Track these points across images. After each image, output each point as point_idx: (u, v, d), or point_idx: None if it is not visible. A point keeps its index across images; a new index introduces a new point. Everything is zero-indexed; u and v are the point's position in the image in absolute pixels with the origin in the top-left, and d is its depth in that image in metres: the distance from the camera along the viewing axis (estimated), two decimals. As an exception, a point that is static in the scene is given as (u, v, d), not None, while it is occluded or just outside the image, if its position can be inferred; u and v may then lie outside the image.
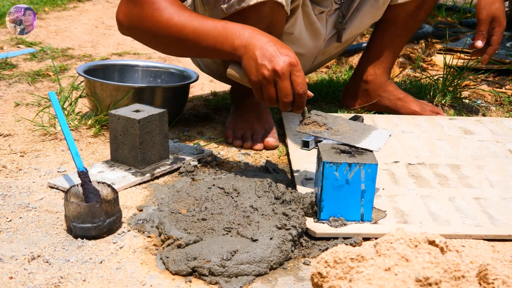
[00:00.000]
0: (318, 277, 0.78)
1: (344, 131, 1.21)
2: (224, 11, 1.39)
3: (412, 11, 1.73)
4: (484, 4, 1.67)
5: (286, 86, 1.19)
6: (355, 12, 1.69)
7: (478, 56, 1.75)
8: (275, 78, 1.20)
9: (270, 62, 1.19)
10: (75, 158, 1.18)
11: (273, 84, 1.21)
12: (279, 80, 1.19)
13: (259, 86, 1.23)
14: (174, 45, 1.34)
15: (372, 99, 1.84)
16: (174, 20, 1.29)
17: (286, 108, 1.22)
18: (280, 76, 1.19)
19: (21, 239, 1.08)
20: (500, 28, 1.68)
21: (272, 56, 1.20)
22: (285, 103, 1.21)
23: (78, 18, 3.40)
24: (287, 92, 1.20)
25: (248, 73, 1.23)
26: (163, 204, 1.17)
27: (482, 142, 1.59)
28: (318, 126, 1.22)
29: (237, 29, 1.25)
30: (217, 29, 1.26)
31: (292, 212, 1.10)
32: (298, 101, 1.21)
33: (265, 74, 1.20)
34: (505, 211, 1.20)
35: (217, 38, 1.26)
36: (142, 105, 1.40)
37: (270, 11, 1.41)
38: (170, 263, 0.99)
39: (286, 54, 1.20)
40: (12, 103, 1.86)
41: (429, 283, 0.71)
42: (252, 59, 1.21)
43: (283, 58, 1.19)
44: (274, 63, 1.19)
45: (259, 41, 1.22)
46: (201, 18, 1.29)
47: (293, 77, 1.20)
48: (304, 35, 1.63)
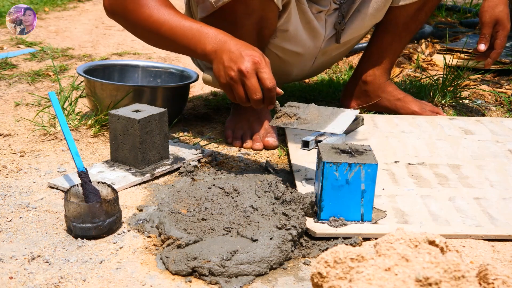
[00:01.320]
0: (318, 277, 0.78)
1: (312, 118, 1.26)
2: (213, 4, 1.40)
3: (413, 13, 1.73)
4: (487, 7, 1.66)
5: (253, 83, 1.24)
6: (356, 14, 1.69)
7: (482, 59, 1.74)
8: (241, 78, 1.25)
9: (235, 64, 1.25)
10: (75, 158, 1.18)
11: (241, 84, 1.25)
12: (245, 79, 1.24)
13: (229, 88, 1.28)
14: (154, 39, 1.40)
15: (371, 100, 1.83)
16: (154, 16, 1.34)
17: (259, 105, 1.27)
18: (245, 75, 1.24)
19: (21, 239, 1.08)
20: (503, 32, 1.67)
21: (237, 58, 1.25)
22: (256, 100, 1.25)
23: (78, 18, 3.40)
24: (255, 89, 1.24)
25: (217, 76, 1.29)
26: (163, 204, 1.17)
27: (482, 142, 1.59)
28: (289, 117, 1.28)
29: (211, 34, 1.30)
30: (192, 31, 1.31)
31: (292, 212, 1.10)
32: (268, 96, 1.25)
33: (231, 75, 1.25)
34: (505, 211, 1.20)
35: (191, 40, 1.31)
36: (142, 105, 1.40)
37: (260, 4, 1.42)
38: (170, 263, 1.00)
39: (250, 54, 1.25)
40: (12, 103, 1.86)
41: (429, 283, 0.71)
42: (220, 63, 1.27)
43: (247, 58, 1.24)
44: (238, 63, 1.24)
45: (228, 45, 1.27)
46: (180, 17, 1.34)
47: (259, 74, 1.24)
48: (301, 33, 1.63)
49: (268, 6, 1.44)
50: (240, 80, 1.25)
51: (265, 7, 1.44)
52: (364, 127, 1.68)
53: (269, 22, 1.51)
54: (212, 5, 1.41)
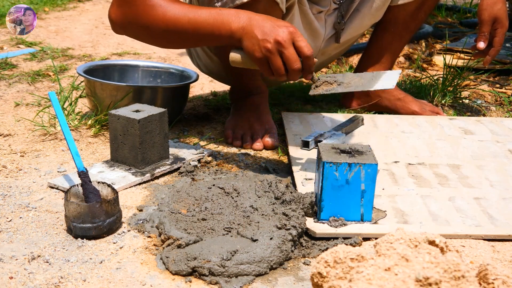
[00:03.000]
0: (318, 277, 0.78)
1: (356, 81, 1.25)
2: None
3: (412, 12, 1.73)
4: (486, 5, 1.66)
5: (292, 53, 1.22)
6: (355, 13, 1.69)
7: (480, 57, 1.74)
8: (279, 49, 1.22)
9: (270, 36, 1.22)
10: (75, 158, 1.18)
11: (279, 55, 1.23)
12: (284, 49, 1.22)
13: (265, 61, 1.25)
14: (171, 37, 1.36)
15: (371, 100, 1.83)
16: (169, 13, 1.32)
17: (296, 77, 1.25)
18: (283, 45, 1.22)
19: (21, 239, 1.08)
20: (502, 29, 1.67)
21: (271, 30, 1.23)
22: (295, 70, 1.23)
23: (78, 18, 3.40)
24: (295, 59, 1.22)
25: (251, 52, 1.25)
26: (163, 204, 1.17)
27: (482, 142, 1.59)
28: (330, 84, 1.26)
29: (232, 13, 1.29)
30: (212, 16, 1.29)
31: (292, 212, 1.10)
32: (306, 64, 1.23)
33: (268, 47, 1.22)
34: (505, 211, 1.20)
35: (214, 24, 1.29)
36: (142, 105, 1.40)
37: (265, 8, 1.42)
38: (170, 263, 1.00)
39: (284, 25, 1.24)
40: (12, 103, 1.86)
41: (429, 283, 0.71)
42: (252, 38, 1.24)
43: (282, 29, 1.23)
44: (274, 34, 1.22)
45: (255, 21, 1.25)
46: (194, 8, 1.33)
47: (296, 43, 1.23)
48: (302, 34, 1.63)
49: (273, 10, 1.44)
50: (278, 50, 1.22)
51: (270, 11, 1.44)
52: (364, 127, 1.68)
53: None
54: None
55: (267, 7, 1.42)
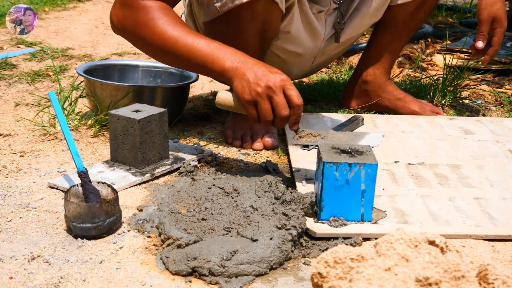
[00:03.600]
0: (318, 277, 0.78)
1: (339, 137, 1.25)
2: (218, 9, 1.39)
3: (411, 12, 1.73)
4: (485, 5, 1.66)
5: (281, 100, 1.21)
6: (355, 13, 1.69)
7: (479, 57, 1.74)
8: (269, 94, 1.21)
9: (262, 80, 1.22)
10: (75, 158, 1.18)
11: (268, 101, 1.22)
12: (274, 94, 1.21)
13: (253, 105, 1.24)
14: (166, 56, 1.35)
15: (371, 100, 1.83)
16: (168, 33, 1.30)
17: (282, 124, 1.24)
18: (274, 90, 1.21)
19: (21, 239, 1.08)
20: (501, 29, 1.67)
21: (263, 75, 1.22)
22: (282, 117, 1.22)
23: (78, 18, 3.40)
24: (284, 105, 1.21)
25: (240, 93, 1.24)
26: (163, 204, 1.17)
27: (482, 142, 1.59)
28: (313, 136, 1.26)
29: (229, 52, 1.28)
30: (209, 48, 1.28)
31: (292, 212, 1.10)
32: (295, 113, 1.23)
33: (258, 91, 1.22)
34: (505, 211, 1.20)
35: (208, 57, 1.28)
36: (142, 105, 1.40)
37: (264, 8, 1.41)
38: (170, 263, 0.99)
39: (277, 72, 1.23)
40: (12, 103, 1.86)
41: (429, 283, 0.71)
42: (244, 80, 1.24)
43: (274, 76, 1.22)
44: (266, 79, 1.21)
45: (249, 64, 1.25)
46: (195, 34, 1.31)
47: (287, 91, 1.22)
48: (302, 34, 1.63)
49: (273, 10, 1.44)
50: (267, 96, 1.22)
51: (269, 11, 1.44)
52: (364, 127, 1.68)
53: (272, 25, 1.50)
54: (217, 9, 1.40)
55: (266, 7, 1.42)
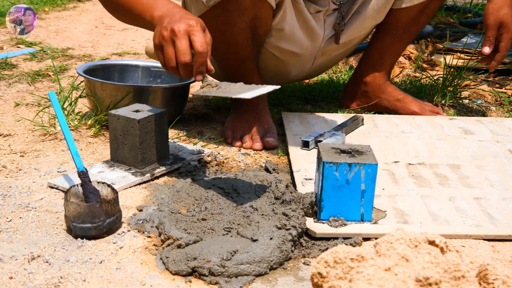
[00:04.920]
0: (318, 277, 0.78)
1: (232, 89, 1.21)
2: (205, 4, 1.40)
3: (414, 15, 1.72)
4: (492, 10, 1.65)
5: (182, 44, 1.19)
6: (356, 15, 1.69)
7: (486, 62, 1.72)
8: (172, 38, 1.20)
9: (170, 24, 1.20)
10: (75, 158, 1.18)
11: (172, 45, 1.20)
12: (176, 38, 1.19)
13: (160, 50, 1.23)
14: (117, 10, 1.39)
15: (371, 100, 1.83)
16: None
17: (186, 72, 1.21)
18: (176, 34, 1.19)
19: (21, 239, 1.08)
20: (508, 34, 1.65)
21: (174, 20, 1.21)
22: (183, 64, 1.19)
23: (78, 18, 3.40)
24: (184, 51, 1.19)
25: (153, 38, 1.24)
26: (163, 204, 1.17)
27: (482, 142, 1.59)
28: (211, 87, 1.22)
29: (163, 2, 1.28)
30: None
31: (292, 212, 1.10)
32: (196, 60, 1.19)
33: (163, 35, 1.20)
34: (505, 211, 1.20)
35: (144, 7, 1.29)
36: (142, 105, 1.40)
37: (252, 3, 1.41)
38: (170, 263, 0.99)
39: (188, 18, 1.21)
40: (12, 103, 1.86)
41: (429, 283, 0.71)
42: (159, 25, 1.23)
43: (183, 20, 1.20)
44: (172, 24, 1.20)
45: (172, 11, 1.24)
46: None
47: (192, 37, 1.19)
48: (297, 33, 1.63)
49: (261, 5, 1.44)
50: (171, 39, 1.20)
51: (257, 5, 1.43)
52: (364, 127, 1.68)
53: (263, 21, 1.50)
54: (203, 4, 1.40)
55: (254, 2, 1.41)
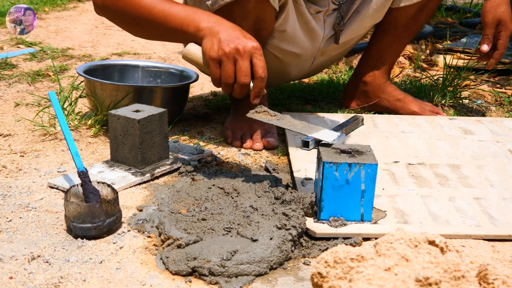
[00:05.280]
0: (318, 277, 0.78)
1: (295, 123, 1.21)
2: (209, 7, 1.40)
3: (413, 14, 1.72)
4: (490, 7, 1.65)
5: (245, 65, 1.18)
6: (355, 14, 1.69)
7: (485, 60, 1.73)
8: (235, 56, 1.19)
9: (233, 42, 1.19)
10: (75, 158, 1.18)
11: (233, 63, 1.19)
12: (240, 58, 1.18)
13: (217, 64, 1.21)
14: (143, 26, 1.36)
15: (371, 100, 1.83)
16: (144, 2, 1.32)
17: (241, 92, 1.20)
18: (241, 54, 1.18)
19: (21, 239, 1.08)
20: (506, 32, 1.66)
21: (235, 37, 1.20)
22: (242, 84, 1.19)
23: (78, 18, 3.40)
24: (246, 72, 1.18)
25: (208, 50, 1.22)
26: (163, 204, 1.17)
27: (482, 142, 1.59)
28: (270, 115, 1.21)
29: (206, 14, 1.28)
30: (186, 12, 1.29)
31: (292, 212, 1.10)
32: (256, 85, 1.19)
33: (225, 51, 1.19)
34: (505, 211, 1.20)
35: (184, 20, 1.28)
36: (142, 105, 1.40)
37: (256, 6, 1.41)
38: (170, 263, 1.00)
39: (251, 38, 1.21)
40: (12, 103, 1.86)
41: (429, 283, 0.71)
42: (215, 37, 1.22)
43: (246, 40, 1.19)
44: (237, 42, 1.19)
45: (225, 25, 1.24)
46: (171, 1, 1.32)
47: (254, 60, 1.19)
48: (299, 34, 1.63)
49: (265, 8, 1.44)
50: (233, 58, 1.19)
51: (261, 8, 1.44)
52: (364, 127, 1.68)
53: (266, 23, 1.51)
54: (208, 7, 1.40)
55: (258, 4, 1.42)
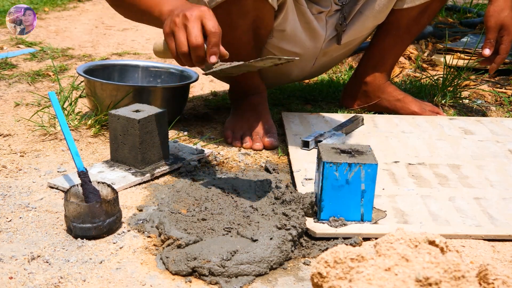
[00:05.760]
0: (318, 277, 0.78)
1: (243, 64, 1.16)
2: (207, 4, 1.40)
3: (415, 16, 1.72)
4: (492, 12, 1.65)
5: (194, 27, 1.15)
6: (357, 15, 1.68)
7: (486, 64, 1.72)
8: (184, 23, 1.17)
9: (181, 11, 1.18)
10: (75, 158, 1.18)
11: (184, 30, 1.17)
12: (188, 22, 1.16)
13: (172, 37, 1.19)
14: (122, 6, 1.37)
15: (371, 100, 1.83)
16: None
17: (199, 57, 1.17)
18: (188, 18, 1.16)
19: (21, 239, 1.08)
20: (508, 37, 1.65)
21: (186, 8, 1.18)
22: (195, 46, 1.15)
23: (78, 18, 3.40)
24: (196, 34, 1.15)
25: (164, 28, 1.21)
26: (163, 204, 1.17)
27: (482, 142, 1.59)
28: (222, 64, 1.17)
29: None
30: None
31: (292, 212, 1.10)
32: (210, 41, 1.16)
33: (175, 20, 1.17)
34: (505, 211, 1.20)
35: (152, 3, 1.27)
36: (142, 105, 1.40)
37: (254, 4, 1.41)
38: (170, 263, 0.99)
39: (200, 6, 1.19)
40: (12, 103, 1.86)
41: (429, 283, 0.71)
42: (170, 16, 1.20)
43: (195, 7, 1.17)
44: (184, 10, 1.17)
45: (182, 4, 1.22)
46: None
47: (204, 20, 1.16)
48: (299, 34, 1.63)
49: (263, 6, 1.44)
50: (183, 24, 1.17)
51: (260, 7, 1.43)
52: (364, 127, 1.68)
53: (265, 22, 1.50)
54: (205, 5, 1.40)
55: (256, 3, 1.41)
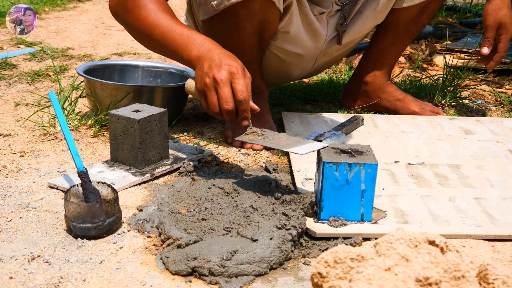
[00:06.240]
0: (318, 277, 0.78)
1: (279, 140, 1.23)
2: (214, 7, 1.40)
3: (414, 15, 1.72)
4: (491, 10, 1.65)
5: (225, 93, 1.21)
6: (357, 15, 1.69)
7: (485, 63, 1.73)
8: (215, 86, 1.22)
9: (212, 71, 1.23)
10: (75, 158, 1.18)
11: (215, 92, 1.23)
12: (218, 87, 1.22)
13: (203, 95, 1.26)
14: (147, 42, 1.41)
15: (371, 100, 1.83)
16: (150, 19, 1.35)
17: (230, 117, 1.23)
18: (218, 83, 1.21)
19: (21, 239, 1.08)
20: (507, 35, 1.66)
21: (215, 66, 1.23)
22: (226, 111, 1.22)
23: (78, 18, 3.40)
24: (226, 99, 1.21)
25: (196, 82, 1.27)
26: (163, 204, 1.17)
27: (482, 142, 1.59)
28: (257, 135, 1.24)
29: (199, 40, 1.30)
30: (182, 37, 1.31)
31: (292, 212, 1.10)
32: (240, 108, 1.22)
33: (206, 82, 1.23)
34: (505, 211, 1.20)
35: (180, 45, 1.31)
36: (142, 105, 1.40)
37: (261, 7, 1.42)
38: (170, 263, 0.99)
39: (229, 64, 1.23)
40: (12, 103, 1.86)
41: (429, 283, 0.71)
42: (200, 69, 1.26)
43: (224, 67, 1.22)
44: (214, 71, 1.22)
45: (211, 53, 1.26)
46: (174, 22, 1.34)
47: (233, 85, 1.22)
48: (302, 35, 1.63)
49: (270, 9, 1.44)
50: (214, 87, 1.23)
51: (266, 10, 1.44)
52: (364, 127, 1.68)
53: (270, 25, 1.51)
54: (213, 8, 1.41)
55: (263, 6, 1.42)
